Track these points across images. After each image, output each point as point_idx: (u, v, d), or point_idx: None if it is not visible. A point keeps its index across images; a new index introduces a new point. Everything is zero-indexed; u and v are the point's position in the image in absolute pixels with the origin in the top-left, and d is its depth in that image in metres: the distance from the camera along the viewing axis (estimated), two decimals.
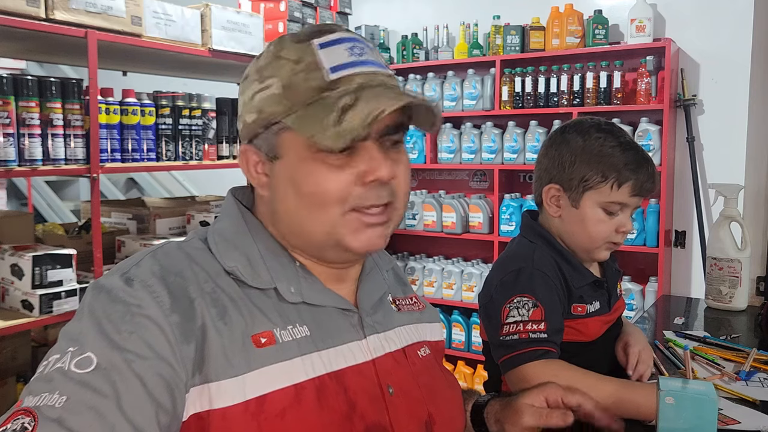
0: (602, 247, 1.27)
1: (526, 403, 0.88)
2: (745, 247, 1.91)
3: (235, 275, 0.74)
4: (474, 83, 3.64)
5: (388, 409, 0.76)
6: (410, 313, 0.91)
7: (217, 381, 0.66)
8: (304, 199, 0.74)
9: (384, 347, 0.81)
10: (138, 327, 0.65)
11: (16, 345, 2.32)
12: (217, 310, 0.70)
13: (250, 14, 2.81)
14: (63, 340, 0.66)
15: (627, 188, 1.22)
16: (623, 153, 1.22)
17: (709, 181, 3.22)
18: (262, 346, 0.70)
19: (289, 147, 0.74)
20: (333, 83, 0.72)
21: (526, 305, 1.19)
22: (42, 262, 2.05)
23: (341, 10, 3.32)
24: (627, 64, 3.32)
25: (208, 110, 2.74)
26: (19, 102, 2.05)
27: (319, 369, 0.72)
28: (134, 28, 2.30)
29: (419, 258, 4.00)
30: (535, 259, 1.26)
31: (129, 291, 0.67)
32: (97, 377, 0.62)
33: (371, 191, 0.74)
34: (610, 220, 1.24)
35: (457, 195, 3.83)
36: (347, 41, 0.75)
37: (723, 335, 1.62)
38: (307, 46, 0.74)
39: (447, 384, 0.90)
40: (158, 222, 2.68)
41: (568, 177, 1.25)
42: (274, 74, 0.75)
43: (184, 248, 0.76)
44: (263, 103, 0.75)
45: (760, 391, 1.23)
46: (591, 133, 1.25)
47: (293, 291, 0.76)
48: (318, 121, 0.70)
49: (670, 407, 0.96)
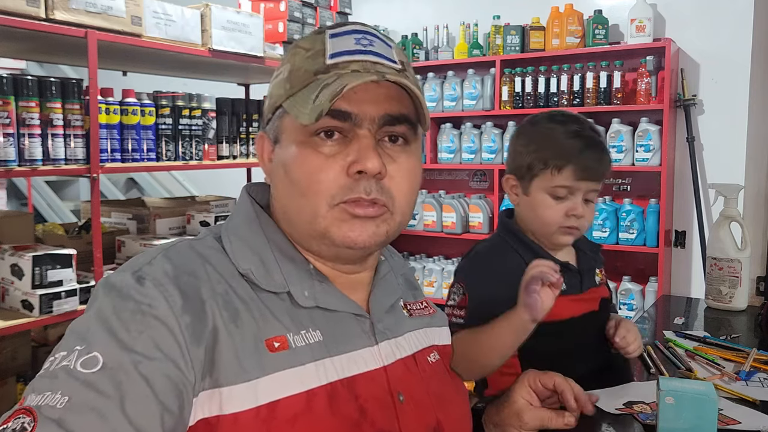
0: (557, 232, 1.30)
1: (525, 404, 0.88)
2: (745, 247, 1.91)
3: (249, 278, 0.72)
4: (474, 83, 3.64)
5: (398, 416, 0.75)
6: (421, 318, 0.90)
7: (229, 386, 0.65)
8: (294, 186, 0.73)
9: (395, 354, 0.80)
10: (147, 327, 0.64)
11: (16, 345, 2.32)
12: (229, 313, 0.68)
13: (250, 14, 2.81)
14: (71, 337, 0.65)
15: (569, 172, 1.26)
16: (567, 140, 1.27)
17: (709, 181, 3.23)
18: (276, 350, 0.69)
19: (287, 130, 0.75)
20: (329, 67, 0.72)
21: (458, 292, 1.29)
22: (42, 262, 2.05)
23: (341, 10, 3.32)
24: (627, 64, 3.32)
25: (208, 110, 2.74)
26: (19, 102, 2.05)
27: (331, 375, 0.71)
28: (134, 28, 2.30)
29: (419, 258, 4.00)
30: (482, 252, 1.36)
31: (140, 289, 0.66)
32: (103, 378, 0.61)
33: (358, 183, 0.71)
34: (558, 204, 1.28)
35: (457, 195, 3.83)
36: (358, 33, 0.75)
37: (723, 335, 1.62)
38: (321, 36, 0.75)
39: (455, 390, 0.89)
40: (158, 222, 2.68)
41: (519, 166, 1.32)
42: (288, 61, 0.76)
43: (198, 248, 0.74)
44: (274, 88, 0.77)
45: (760, 391, 1.23)
46: (541, 123, 1.33)
47: (307, 295, 0.74)
48: (302, 101, 0.71)
49: (670, 407, 0.96)
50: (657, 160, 3.15)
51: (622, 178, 3.47)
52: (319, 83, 0.70)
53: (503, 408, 0.91)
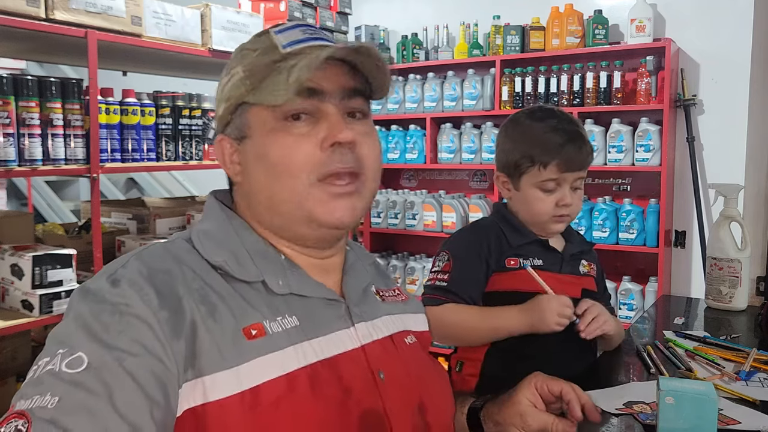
0: (549, 221, 1.40)
1: (529, 405, 0.88)
2: (745, 247, 1.91)
3: (223, 269, 0.75)
4: (474, 83, 3.64)
5: (381, 394, 0.77)
6: (394, 303, 0.92)
7: (211, 374, 0.67)
8: (273, 170, 0.76)
9: (372, 334, 0.82)
10: (127, 326, 0.65)
11: (16, 345, 2.32)
12: (207, 307, 0.70)
13: (250, 14, 2.81)
14: (51, 344, 0.66)
15: (554, 167, 1.34)
16: (546, 137, 1.34)
17: (709, 181, 3.22)
18: (253, 338, 0.71)
19: (254, 123, 0.78)
20: (286, 56, 0.76)
21: (443, 258, 1.42)
22: (42, 262, 2.05)
23: (341, 10, 3.31)
24: (627, 64, 3.32)
25: (208, 110, 2.74)
26: (19, 102, 2.05)
27: (310, 357, 0.73)
28: (134, 28, 2.30)
29: (419, 258, 4.00)
30: (468, 227, 1.53)
31: (115, 291, 0.67)
32: (89, 376, 0.62)
33: (334, 155, 0.75)
34: (549, 197, 1.37)
35: (457, 195, 3.83)
36: (303, 26, 0.81)
37: (723, 335, 1.62)
38: (266, 35, 0.80)
39: (436, 372, 0.91)
40: (158, 222, 2.68)
41: (507, 164, 1.41)
42: (238, 64, 0.80)
43: (170, 249, 0.76)
44: (230, 90, 0.80)
45: (760, 391, 1.23)
46: (522, 121, 1.41)
47: (281, 283, 0.77)
48: (272, 86, 0.75)
49: (670, 407, 0.96)
50: (657, 160, 3.15)
51: (622, 178, 3.47)
52: (284, 67, 0.75)
53: (506, 407, 0.91)
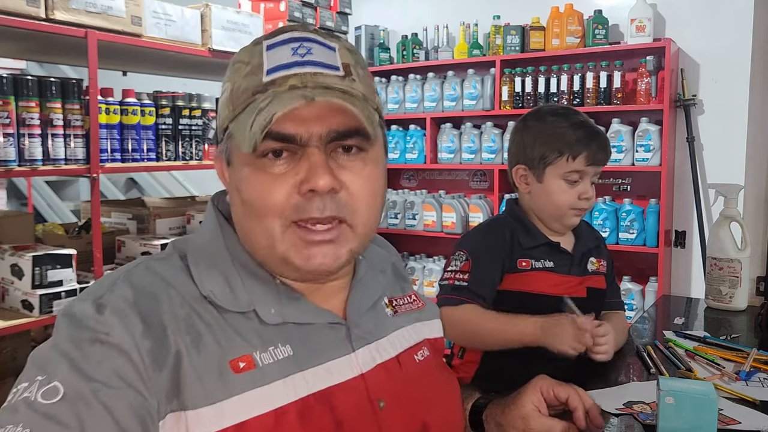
0: (569, 214, 1.46)
1: (533, 409, 0.87)
2: (745, 247, 1.91)
3: (212, 300, 0.71)
4: (474, 83, 3.64)
5: (379, 424, 0.74)
6: (408, 314, 0.88)
7: (195, 409, 0.64)
8: (246, 208, 0.71)
9: (375, 359, 0.78)
10: (106, 356, 0.63)
11: (16, 345, 2.32)
12: (191, 337, 0.67)
13: (250, 14, 2.81)
14: (32, 367, 0.65)
15: (582, 159, 1.42)
16: (574, 131, 1.42)
17: (709, 181, 3.22)
18: (241, 371, 0.67)
19: (235, 153, 0.72)
20: (266, 85, 0.69)
21: (461, 258, 1.45)
22: (42, 262, 2.05)
23: (341, 10, 3.31)
24: (627, 64, 3.32)
25: (208, 110, 2.74)
26: (19, 102, 2.05)
27: (301, 390, 0.70)
28: (134, 28, 2.30)
29: (419, 258, 4.00)
30: (483, 225, 1.57)
31: (99, 318, 0.65)
32: (63, 408, 0.60)
33: (311, 203, 0.68)
34: (572, 189, 1.44)
35: (457, 195, 3.83)
36: (295, 41, 0.71)
37: (723, 335, 1.62)
38: (259, 47, 0.72)
39: (445, 386, 0.88)
40: (158, 222, 2.68)
41: (531, 157, 1.47)
42: (230, 78, 0.73)
43: (161, 270, 0.72)
44: (220, 108, 0.75)
45: (760, 391, 1.23)
46: (546, 117, 1.48)
47: (273, 312, 0.72)
48: (242, 126, 0.67)
49: (670, 407, 0.96)
50: (657, 160, 3.15)
51: (622, 178, 3.47)
52: (255, 107, 0.67)
53: (510, 409, 0.90)
